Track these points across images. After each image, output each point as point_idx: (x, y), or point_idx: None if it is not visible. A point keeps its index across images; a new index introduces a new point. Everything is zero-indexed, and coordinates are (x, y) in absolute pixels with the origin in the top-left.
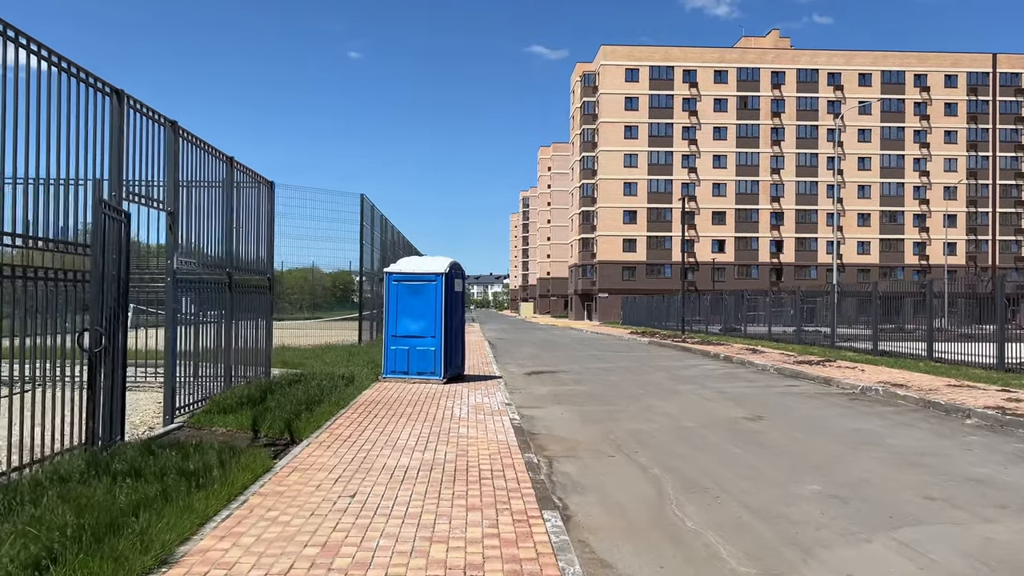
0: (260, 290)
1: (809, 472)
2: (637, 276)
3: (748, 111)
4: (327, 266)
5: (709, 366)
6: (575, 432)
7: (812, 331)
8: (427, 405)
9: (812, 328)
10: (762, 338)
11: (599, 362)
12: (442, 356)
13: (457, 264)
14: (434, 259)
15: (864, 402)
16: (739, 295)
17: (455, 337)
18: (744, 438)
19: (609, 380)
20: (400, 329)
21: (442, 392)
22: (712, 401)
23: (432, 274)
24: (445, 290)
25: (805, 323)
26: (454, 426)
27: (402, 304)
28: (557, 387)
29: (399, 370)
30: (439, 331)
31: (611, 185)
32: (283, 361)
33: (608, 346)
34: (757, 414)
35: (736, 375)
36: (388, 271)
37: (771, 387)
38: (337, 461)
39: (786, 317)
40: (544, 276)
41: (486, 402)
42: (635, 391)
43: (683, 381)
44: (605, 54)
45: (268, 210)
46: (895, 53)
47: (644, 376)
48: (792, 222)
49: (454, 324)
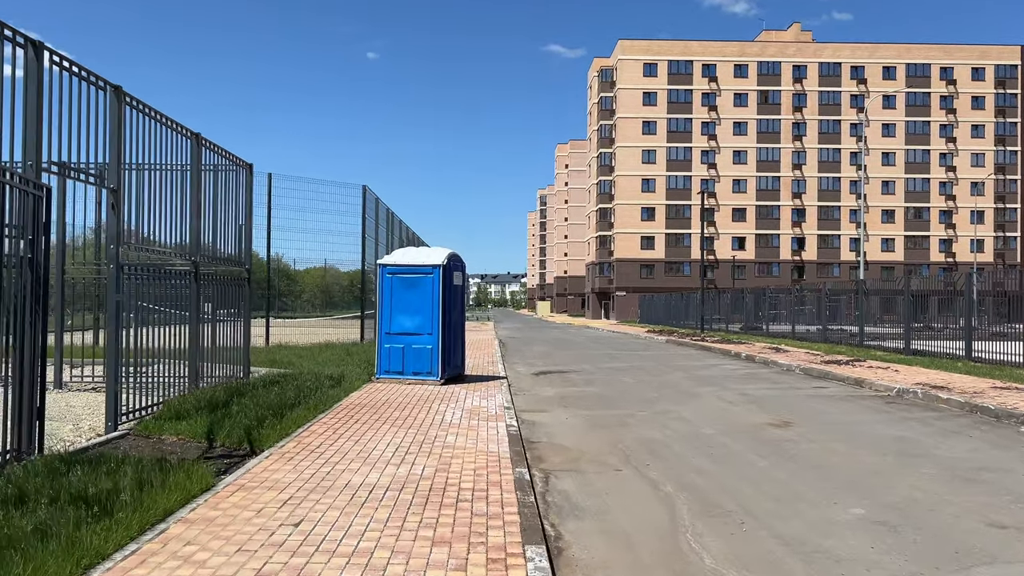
0: (236, 282)
1: (849, 491)
2: (655, 274)
3: (769, 106)
4: (345, 264)
5: (730, 366)
6: (580, 440)
7: (837, 330)
8: (417, 409)
9: (836, 327)
10: (785, 336)
11: (613, 361)
12: (439, 355)
13: (456, 256)
14: (431, 250)
15: (902, 406)
16: (760, 292)
17: (454, 334)
18: (771, 448)
19: (622, 381)
20: (394, 326)
21: (437, 394)
22: (734, 405)
23: (429, 266)
24: (443, 283)
25: (829, 321)
26: (441, 434)
27: (396, 299)
28: (565, 389)
29: (393, 370)
30: (436, 328)
31: (629, 181)
32: (272, 360)
33: (623, 345)
34: (784, 419)
35: (759, 376)
36: (381, 263)
37: (797, 389)
38: (294, 477)
39: (809, 315)
40: (561, 275)
41: (483, 406)
42: (650, 394)
43: (702, 382)
44: (623, 48)
45: (246, 196)
46: (920, 46)
47: (660, 377)
48: (814, 219)
49: (453, 320)
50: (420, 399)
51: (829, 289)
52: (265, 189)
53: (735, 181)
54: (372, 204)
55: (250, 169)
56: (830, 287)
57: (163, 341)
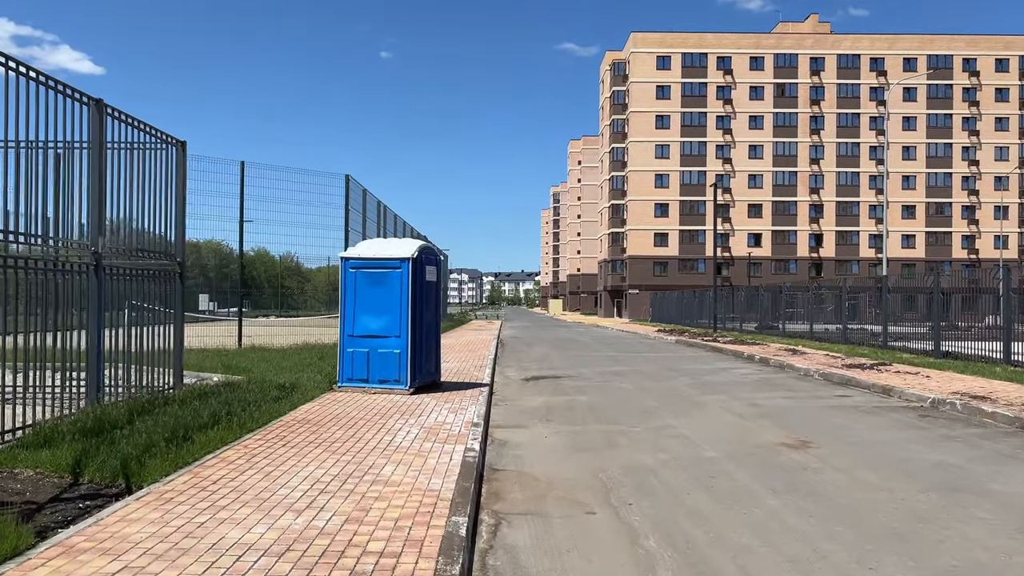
0: (163, 277)
1: (887, 546)
2: (669, 271)
3: (786, 99)
4: None
5: (742, 370)
6: (554, 468)
7: (857, 329)
8: (366, 427)
9: (856, 326)
10: (802, 337)
11: (615, 364)
12: (409, 360)
13: (430, 248)
14: (401, 241)
15: (940, 420)
16: (776, 290)
17: (427, 337)
18: (786, 479)
19: (620, 388)
20: (358, 327)
21: (400, 407)
22: (743, 418)
23: (396, 259)
24: (413, 279)
25: (849, 320)
26: (380, 462)
27: (361, 296)
28: (554, 398)
29: (357, 378)
30: (405, 329)
31: (642, 177)
32: (228, 366)
33: (629, 345)
34: (802, 438)
35: (773, 382)
36: (344, 256)
37: (817, 398)
38: (151, 533)
39: (827, 314)
40: (574, 272)
41: (449, 422)
42: (648, 403)
43: (709, 390)
44: (636, 41)
45: (178, 179)
46: (942, 37)
47: (663, 383)
48: (832, 215)
49: (426, 320)
50: (377, 413)
51: (850, 286)
52: (237, 179)
53: (751, 176)
54: (358, 196)
55: (182, 147)
56: (851, 284)
57: (55, 345)
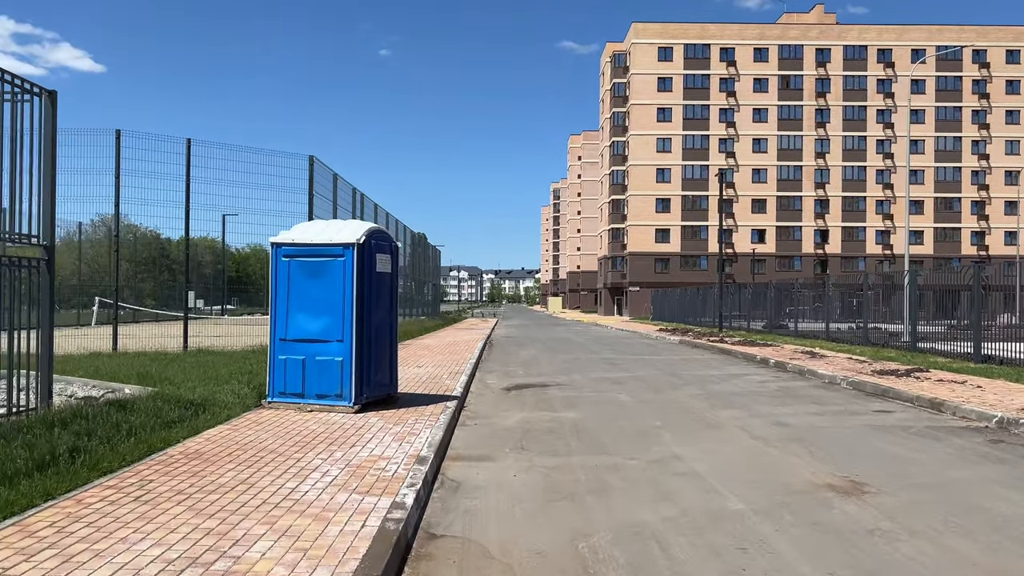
0: (20, 265)
1: None
2: (671, 268)
3: (790, 91)
4: None
5: (756, 376)
6: (519, 532)
7: (872, 329)
8: (272, 466)
9: (872, 326)
10: (816, 337)
11: (612, 370)
12: (353, 370)
13: (382, 232)
14: (345, 223)
15: (1019, 449)
16: (786, 286)
17: (378, 341)
18: (850, 555)
19: (616, 401)
20: (292, 329)
21: (333, 432)
22: (769, 445)
23: (338, 245)
24: (360, 269)
25: (858, 319)
26: (256, 531)
27: (296, 292)
28: (536, 414)
29: (291, 392)
30: (349, 332)
31: (643, 171)
32: (143, 375)
33: (629, 346)
34: (851, 476)
35: (796, 392)
36: (275, 241)
37: (852, 414)
38: None
39: (840, 312)
40: (574, 270)
41: (389, 454)
42: (650, 422)
43: (722, 403)
44: (636, 32)
45: (44, 139)
46: (951, 27)
47: (667, 393)
48: (838, 210)
49: (376, 321)
50: (299, 442)
51: (872, 283)
52: (183, 159)
53: (755, 171)
54: (326, 181)
55: (51, 99)
56: (872, 280)
57: None
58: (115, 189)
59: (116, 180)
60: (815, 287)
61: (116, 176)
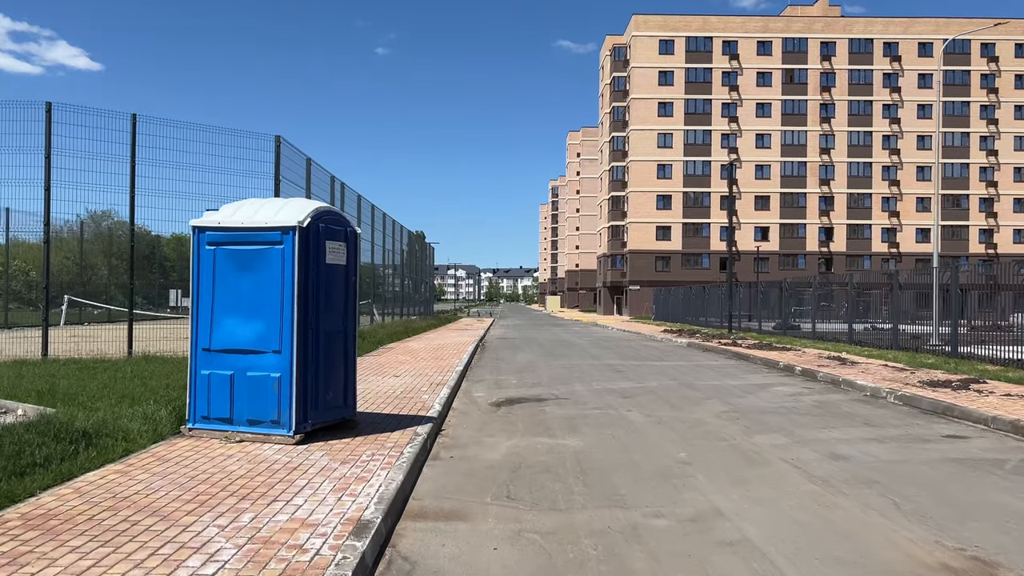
0: None
1: None
2: (672, 267)
3: (795, 85)
4: None
5: (785, 388)
6: None
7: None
8: (137, 540)
9: (888, 326)
10: (835, 339)
11: (617, 379)
12: (293, 389)
13: (334, 214)
14: (286, 202)
15: None
16: (801, 284)
17: (329, 351)
18: None
19: (627, 422)
20: (219, 337)
21: (254, 478)
22: (838, 492)
23: (276, 229)
24: (303, 260)
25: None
26: None
27: (223, 288)
28: (529, 441)
29: (216, 416)
30: (289, 340)
31: (643, 167)
32: (43, 391)
33: (634, 350)
34: (967, 547)
35: (837, 408)
36: (197, 224)
37: (920, 441)
38: None
39: (862, 312)
40: (572, 268)
41: (318, 518)
42: (672, 453)
43: (756, 424)
44: (637, 24)
45: None
46: (959, 20)
47: (687, 411)
48: (843, 207)
49: (328, 326)
50: (199, 496)
51: (903, 280)
52: (128, 137)
53: (758, 166)
54: (296, 166)
55: None
56: (904, 278)
57: None
58: (45, 170)
59: (46, 161)
60: (833, 286)
61: (47, 156)
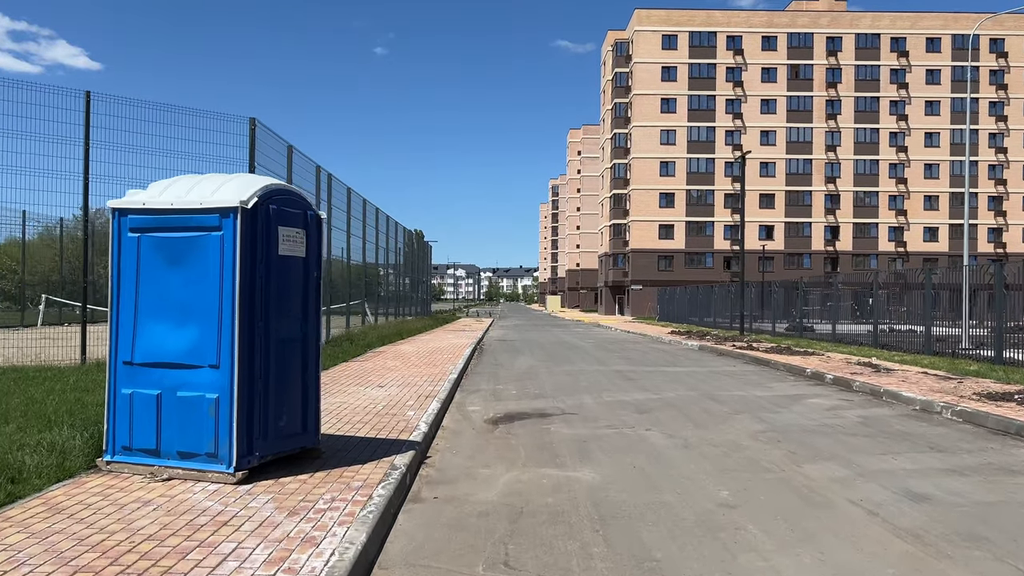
0: None
1: None
2: (675, 266)
3: (800, 81)
4: None
5: (820, 400)
6: None
7: (908, 332)
8: None
9: (912, 328)
10: (857, 343)
11: (630, 388)
12: (234, 413)
13: (289, 193)
14: (228, 178)
15: None
16: (815, 283)
17: (282, 364)
18: None
19: (648, 445)
20: (143, 347)
21: (164, 541)
22: (941, 555)
23: (212, 211)
24: (248, 249)
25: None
26: None
27: (149, 286)
28: (533, 474)
29: (141, 447)
30: (229, 351)
31: (646, 165)
32: None
33: (643, 354)
34: None
35: (889, 427)
36: (117, 206)
37: (1010, 473)
38: None
39: (875, 314)
40: (573, 268)
41: None
42: (711, 491)
43: (802, 449)
44: (639, 19)
45: None
46: (968, 15)
47: (715, 430)
48: (849, 205)
49: (282, 333)
50: (81, 571)
51: (937, 280)
52: (81, 116)
53: (762, 164)
54: (275, 153)
55: None
56: (939, 278)
57: None
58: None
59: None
60: (872, 285)
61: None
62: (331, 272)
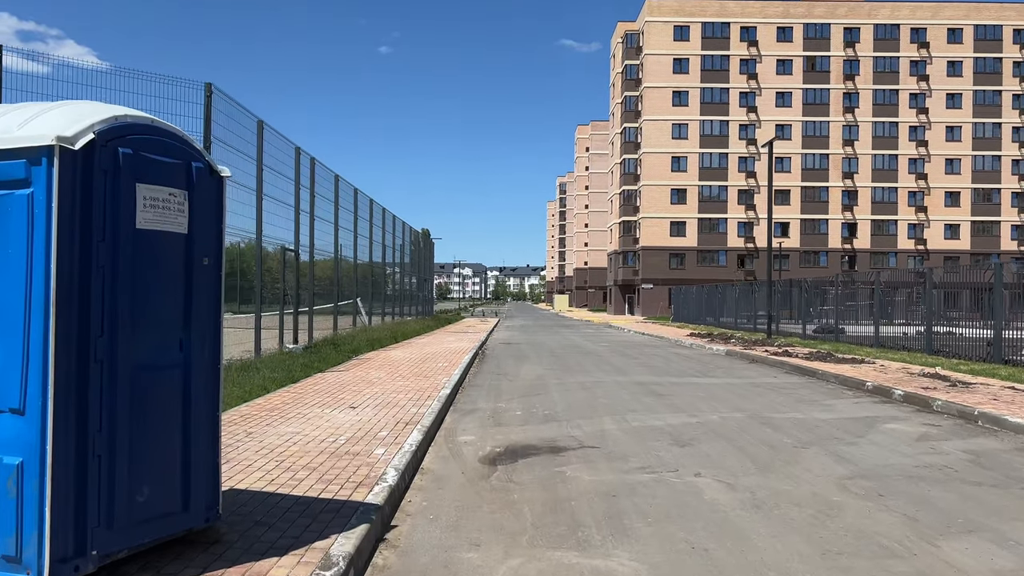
0: None
1: None
2: (687, 264)
3: (816, 73)
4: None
5: (899, 424)
6: None
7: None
8: None
9: (943, 330)
10: (906, 348)
11: (660, 408)
12: (48, 486)
13: (156, 129)
14: (50, 106)
15: None
16: (852, 280)
17: (144, 401)
18: None
19: (704, 508)
20: None
21: None
22: None
23: (19, 154)
24: (78, 215)
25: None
26: None
27: None
28: (543, 563)
29: None
30: (40, 384)
31: (657, 160)
32: None
33: (666, 360)
34: None
35: (1016, 471)
36: None
37: None
38: None
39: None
40: (581, 266)
41: None
42: None
43: (922, 512)
44: (650, 9)
45: None
46: (990, 5)
47: (786, 477)
48: (867, 202)
49: (141, 353)
50: None
51: (1010, 281)
52: None
53: (778, 159)
54: (250, 132)
55: None
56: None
57: None
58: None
59: None
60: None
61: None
62: (313, 267)
